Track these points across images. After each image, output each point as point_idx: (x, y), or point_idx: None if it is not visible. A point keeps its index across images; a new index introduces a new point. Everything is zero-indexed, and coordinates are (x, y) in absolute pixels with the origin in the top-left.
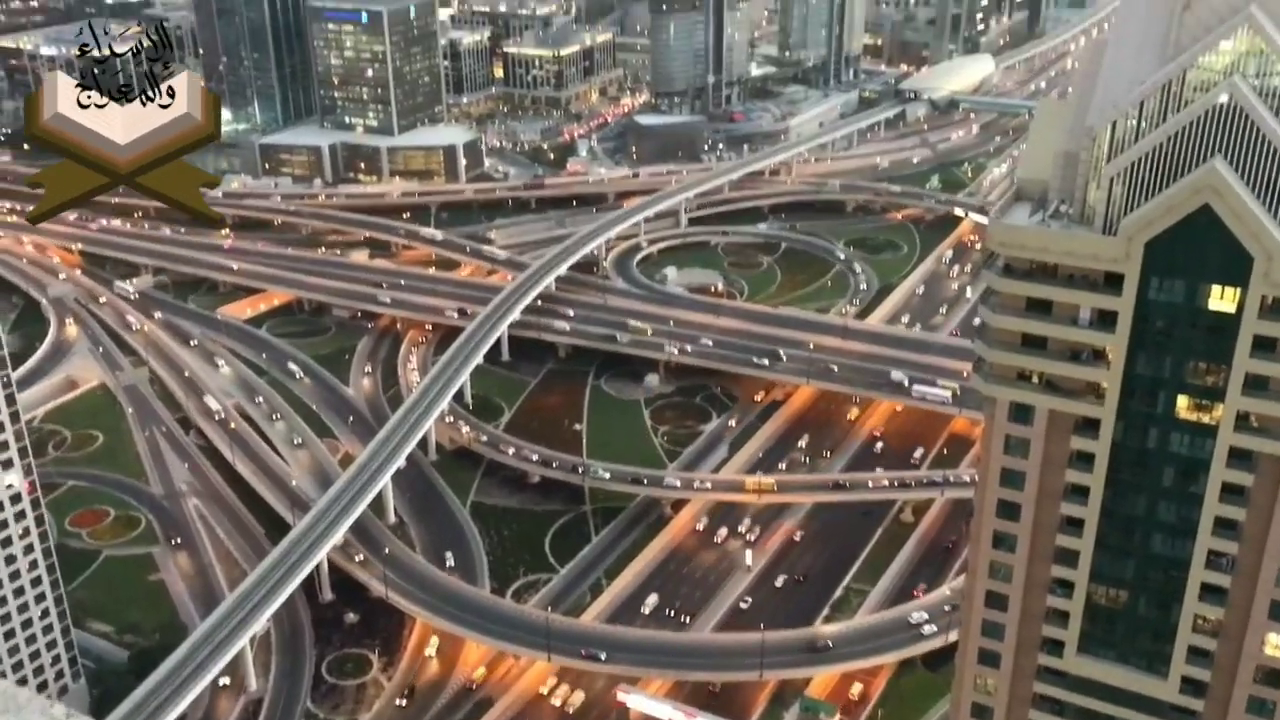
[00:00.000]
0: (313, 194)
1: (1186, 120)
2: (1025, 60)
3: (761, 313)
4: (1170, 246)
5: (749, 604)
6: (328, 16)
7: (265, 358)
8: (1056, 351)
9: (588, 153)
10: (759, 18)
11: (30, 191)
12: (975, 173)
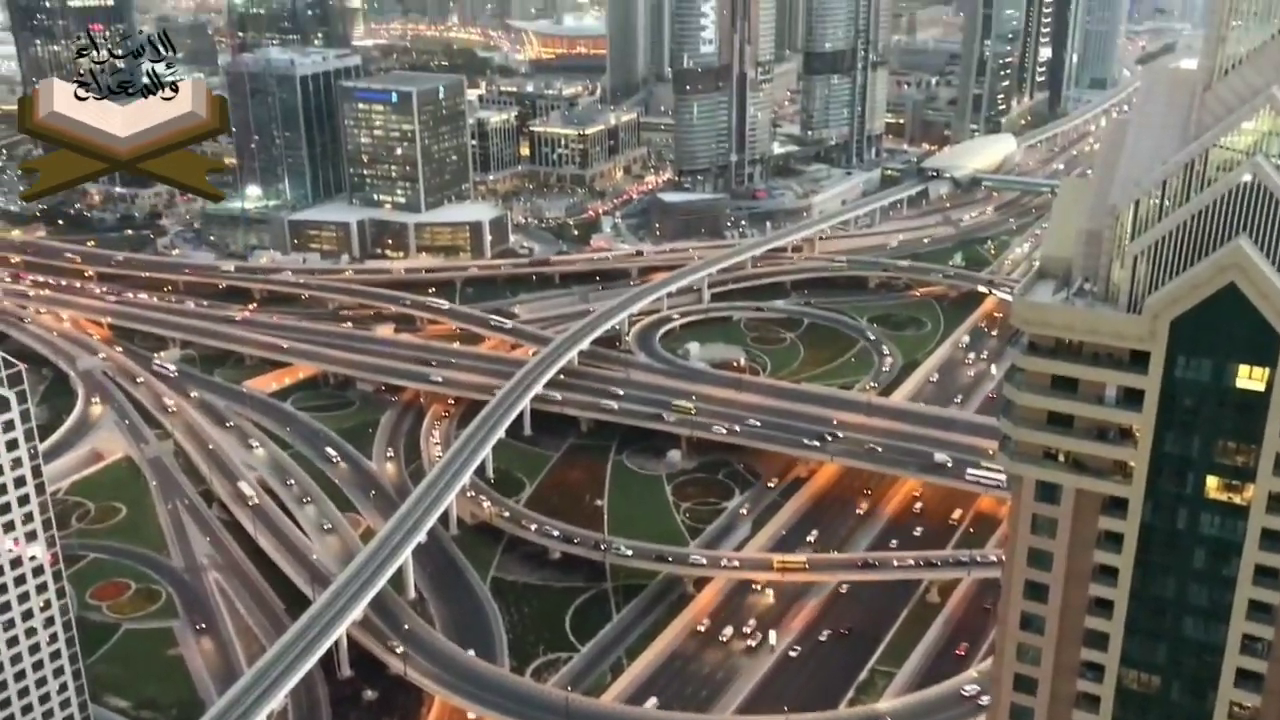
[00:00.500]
0: (340, 269)
1: (1210, 199)
2: (1047, 139)
3: (784, 389)
4: (1196, 325)
5: (773, 684)
6: (358, 97)
7: (289, 431)
8: (1083, 430)
9: (612, 229)
10: (781, 97)
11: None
12: (998, 250)
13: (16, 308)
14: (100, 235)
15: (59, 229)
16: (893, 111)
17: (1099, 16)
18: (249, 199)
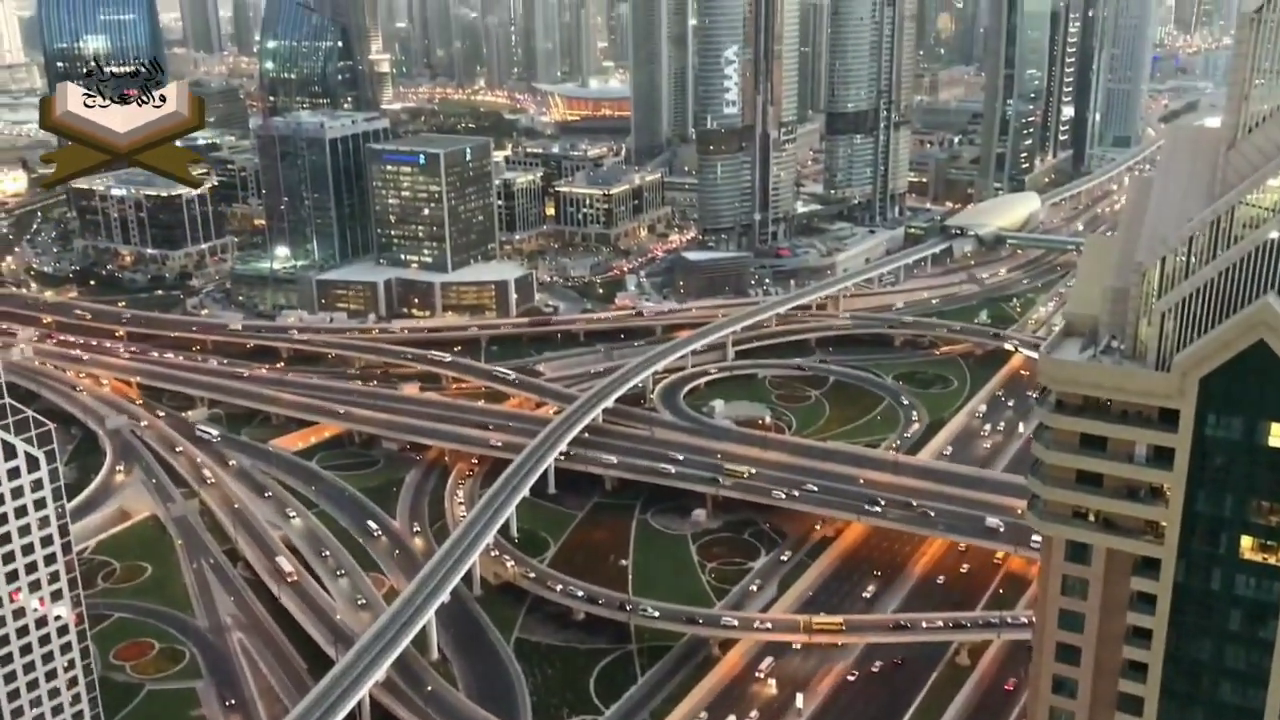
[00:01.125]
0: (366, 328)
1: (1237, 256)
2: (1071, 197)
3: (810, 447)
4: (1226, 382)
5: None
6: (387, 159)
7: (314, 490)
8: (1113, 489)
9: (636, 287)
10: (804, 157)
11: (91, 324)
12: (1024, 308)
13: (48, 367)
14: (131, 296)
15: (91, 290)
16: (916, 170)
17: (1121, 76)
18: (278, 259)
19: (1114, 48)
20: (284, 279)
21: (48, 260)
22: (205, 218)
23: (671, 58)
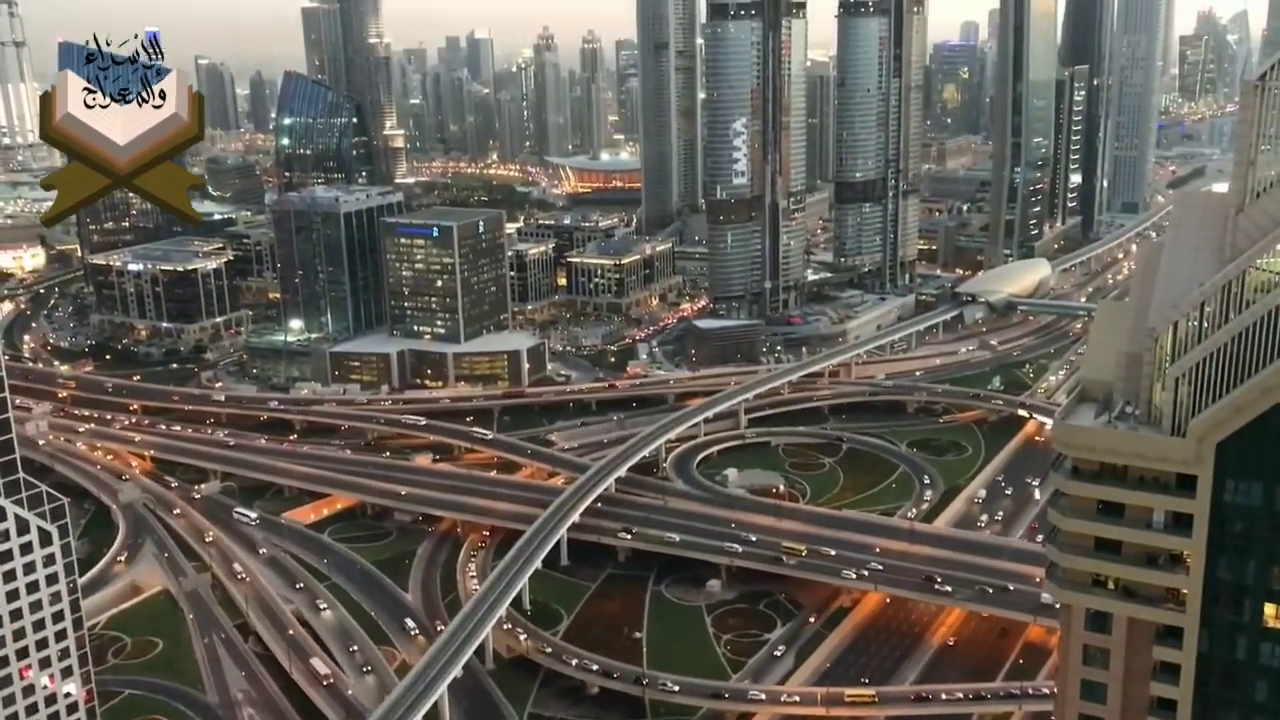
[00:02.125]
0: (379, 399)
1: (1250, 320)
2: (1081, 263)
3: (825, 515)
4: (1243, 448)
5: None
6: (401, 232)
7: (327, 563)
8: (1132, 556)
9: (648, 356)
10: (814, 226)
11: (106, 398)
12: (1037, 374)
13: (62, 441)
14: (146, 369)
15: (106, 364)
16: (925, 238)
17: (1128, 143)
18: (292, 332)
19: (1119, 115)
20: (298, 351)
21: (64, 335)
22: (220, 292)
23: (681, 130)
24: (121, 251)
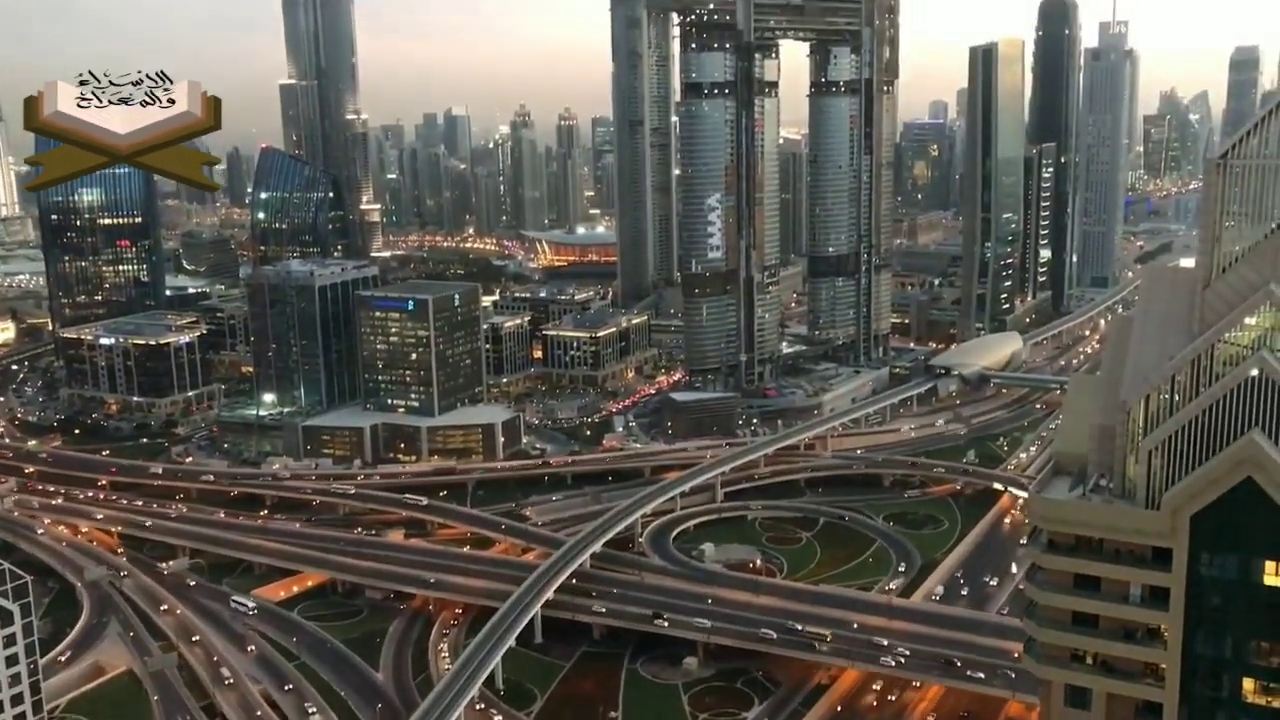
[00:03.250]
0: (351, 474)
1: (1220, 394)
2: (1052, 336)
3: (802, 590)
4: (1217, 520)
5: None
6: (376, 305)
7: (296, 642)
8: (1109, 630)
9: (624, 429)
10: (788, 299)
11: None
12: (1011, 447)
13: (27, 518)
14: (115, 444)
15: (76, 438)
16: (898, 312)
17: (1096, 219)
18: (264, 406)
19: (1087, 192)
20: (270, 426)
21: (33, 409)
22: (193, 365)
23: (656, 205)
24: (93, 325)
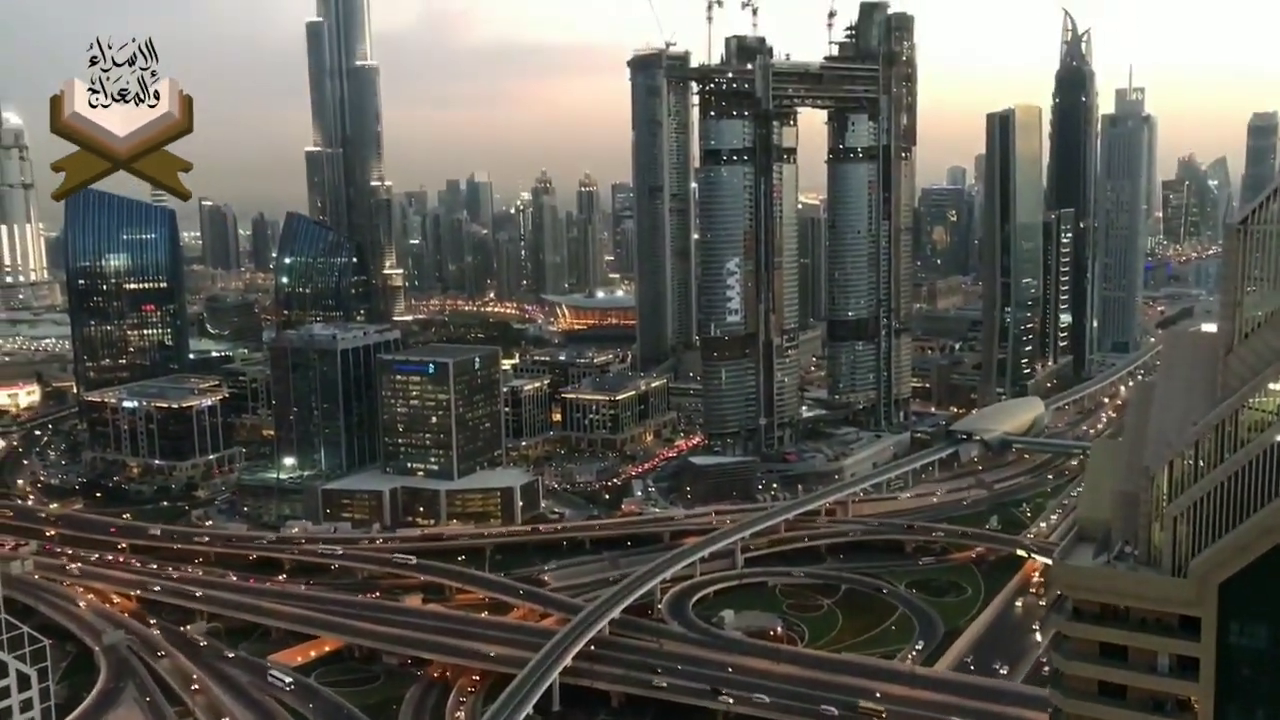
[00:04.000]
0: (370, 537)
1: (1245, 459)
2: (1074, 402)
3: (823, 659)
4: (1246, 588)
5: None
6: (397, 369)
7: (311, 707)
8: (1137, 701)
9: (643, 493)
10: (807, 363)
11: (92, 537)
12: (1034, 513)
13: (47, 581)
14: (136, 507)
15: (97, 502)
16: (918, 376)
17: (1116, 284)
18: (284, 469)
19: (1107, 257)
20: (290, 489)
21: (56, 472)
22: (214, 429)
23: (675, 269)
24: (117, 389)
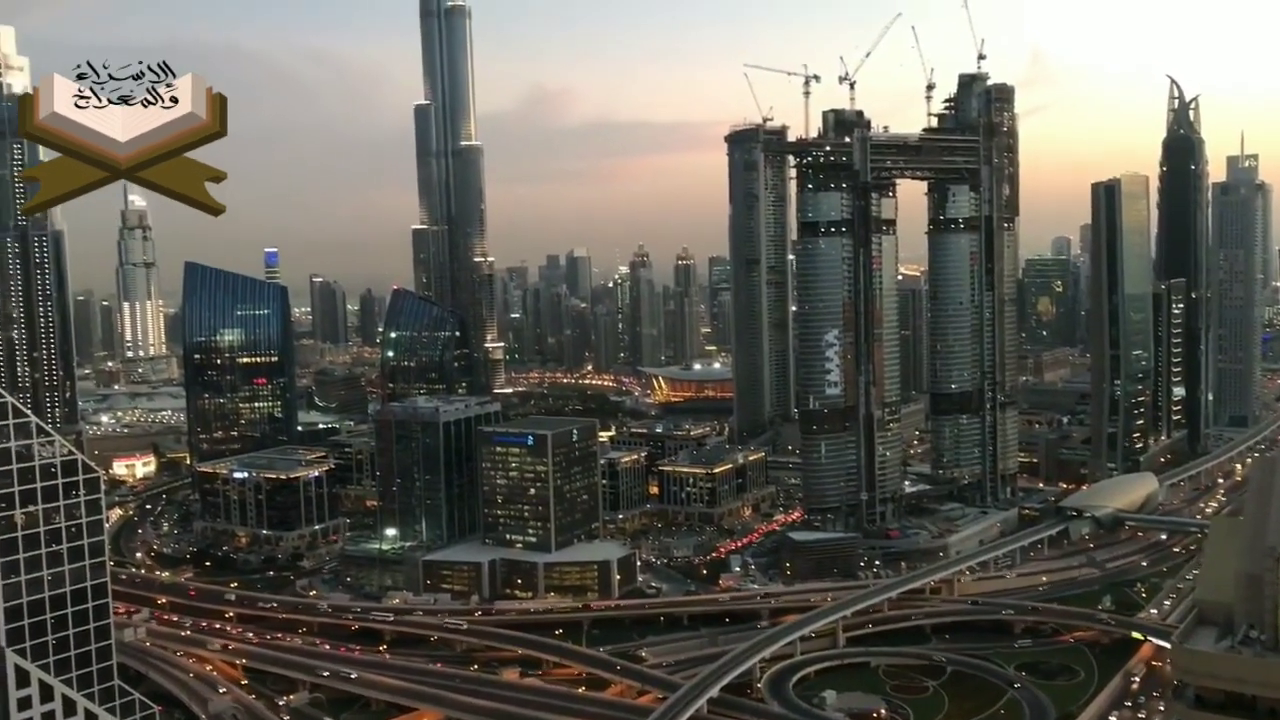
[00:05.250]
0: (469, 609)
1: None
2: (1190, 477)
3: None
4: None
5: None
6: (496, 440)
7: None
8: None
9: (741, 568)
10: (910, 437)
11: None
12: (1150, 593)
13: (157, 648)
14: (244, 577)
15: (206, 570)
16: (1025, 450)
17: (1231, 355)
18: (387, 540)
19: (1221, 328)
20: (391, 560)
21: (168, 541)
22: (320, 499)
23: (772, 341)
24: (228, 460)
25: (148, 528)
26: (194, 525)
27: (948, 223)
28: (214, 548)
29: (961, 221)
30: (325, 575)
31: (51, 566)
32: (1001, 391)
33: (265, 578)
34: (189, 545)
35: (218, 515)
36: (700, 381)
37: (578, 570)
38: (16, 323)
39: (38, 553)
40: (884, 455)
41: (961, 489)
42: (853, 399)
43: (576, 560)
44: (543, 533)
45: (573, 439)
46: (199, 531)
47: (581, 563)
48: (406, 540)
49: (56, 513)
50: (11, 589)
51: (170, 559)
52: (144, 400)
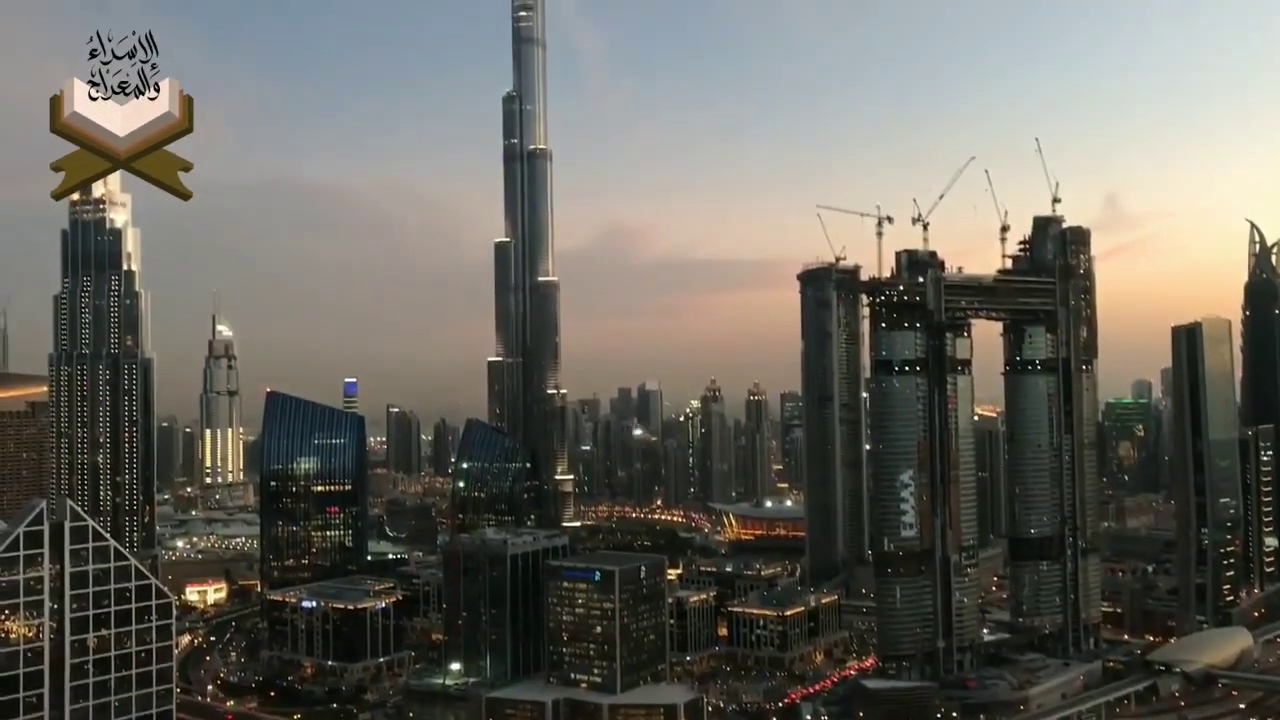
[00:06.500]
0: None
1: None
2: None
3: None
4: None
5: None
6: (564, 575)
7: None
8: None
9: (811, 716)
10: (988, 583)
11: None
12: None
13: None
14: (307, 708)
15: (270, 700)
16: (1109, 600)
17: None
18: (451, 675)
19: None
20: (455, 695)
21: (235, 670)
22: (386, 631)
23: (845, 480)
24: (298, 588)
25: (215, 655)
26: (261, 654)
27: (1025, 364)
28: (280, 677)
29: (1039, 363)
30: (389, 709)
31: (119, 692)
32: (1083, 537)
33: (329, 710)
34: (255, 674)
35: (284, 644)
36: (772, 519)
37: (644, 713)
38: (103, 447)
39: (107, 677)
40: (961, 601)
41: (1042, 638)
42: (929, 541)
43: (642, 703)
44: (608, 672)
45: (640, 576)
46: (265, 660)
47: (648, 705)
48: (470, 675)
49: (128, 637)
50: (79, 714)
51: (236, 688)
52: (220, 526)
